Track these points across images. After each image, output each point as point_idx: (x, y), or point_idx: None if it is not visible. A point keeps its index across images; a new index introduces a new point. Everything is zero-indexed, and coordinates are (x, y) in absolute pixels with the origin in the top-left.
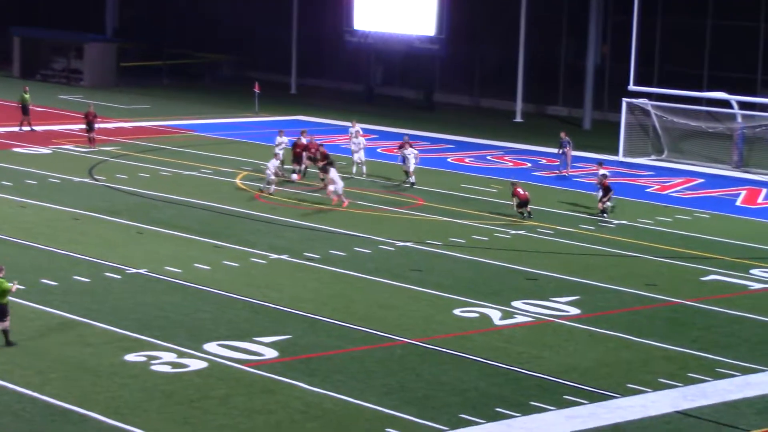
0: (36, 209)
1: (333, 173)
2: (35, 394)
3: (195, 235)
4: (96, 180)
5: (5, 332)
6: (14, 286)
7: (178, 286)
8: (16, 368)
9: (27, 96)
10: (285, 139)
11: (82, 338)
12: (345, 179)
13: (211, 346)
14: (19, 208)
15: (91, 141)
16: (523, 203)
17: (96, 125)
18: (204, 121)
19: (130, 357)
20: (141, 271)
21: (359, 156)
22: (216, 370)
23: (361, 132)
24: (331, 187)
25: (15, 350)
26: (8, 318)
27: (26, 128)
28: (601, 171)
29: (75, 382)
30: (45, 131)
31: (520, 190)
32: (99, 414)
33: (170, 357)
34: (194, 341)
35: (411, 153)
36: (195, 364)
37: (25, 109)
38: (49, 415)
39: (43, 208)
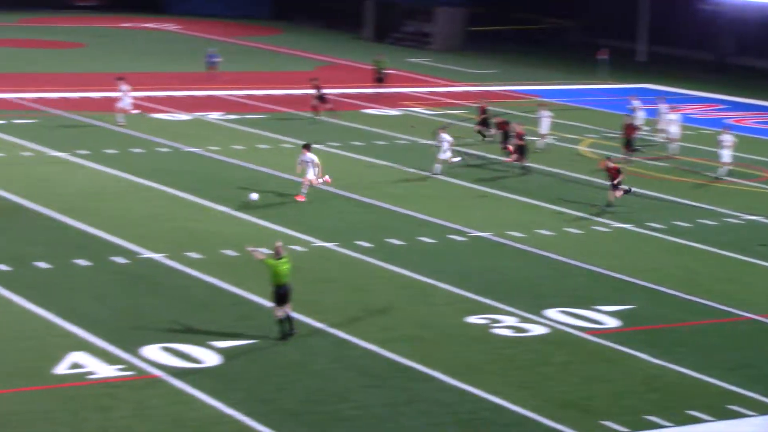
0: (384, 170)
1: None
2: (380, 350)
3: (536, 200)
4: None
5: (288, 320)
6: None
7: (520, 251)
8: (362, 324)
9: (382, 62)
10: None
11: (426, 298)
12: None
13: (552, 312)
14: (367, 168)
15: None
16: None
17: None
18: (549, 87)
19: (472, 319)
20: (484, 234)
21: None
22: (556, 336)
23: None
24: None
25: (360, 307)
26: (289, 303)
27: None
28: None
29: (418, 340)
30: (394, 93)
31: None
32: (441, 373)
33: (511, 321)
34: (535, 306)
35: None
36: (536, 329)
37: (380, 78)
38: (392, 372)
39: (390, 169)
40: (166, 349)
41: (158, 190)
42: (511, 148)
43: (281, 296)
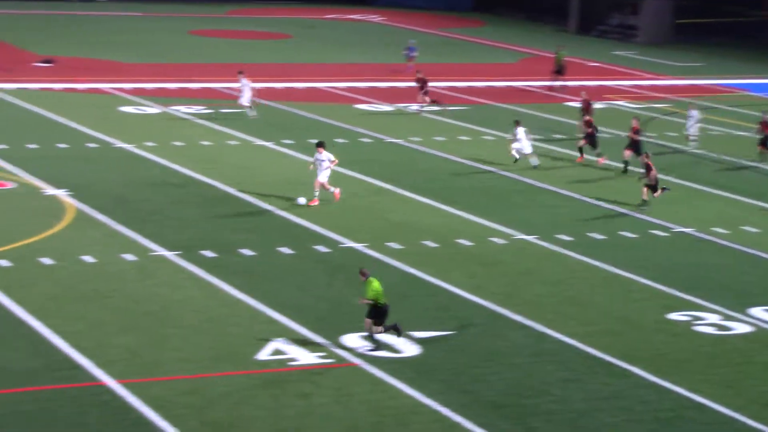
0: (586, 162)
1: None
2: (579, 345)
3: (740, 195)
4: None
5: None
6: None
7: (725, 248)
8: (561, 318)
9: (562, 54)
10: None
11: (626, 293)
12: None
13: (757, 311)
14: (569, 161)
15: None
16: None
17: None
18: (757, 81)
19: (674, 315)
20: (687, 230)
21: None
22: (761, 335)
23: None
24: None
25: (559, 300)
26: (383, 324)
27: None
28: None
29: (618, 335)
30: (597, 86)
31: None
32: (641, 369)
33: (714, 319)
34: (739, 304)
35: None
36: (740, 328)
37: (559, 69)
38: (590, 366)
39: (591, 162)
40: (366, 338)
41: (360, 180)
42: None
43: (383, 313)
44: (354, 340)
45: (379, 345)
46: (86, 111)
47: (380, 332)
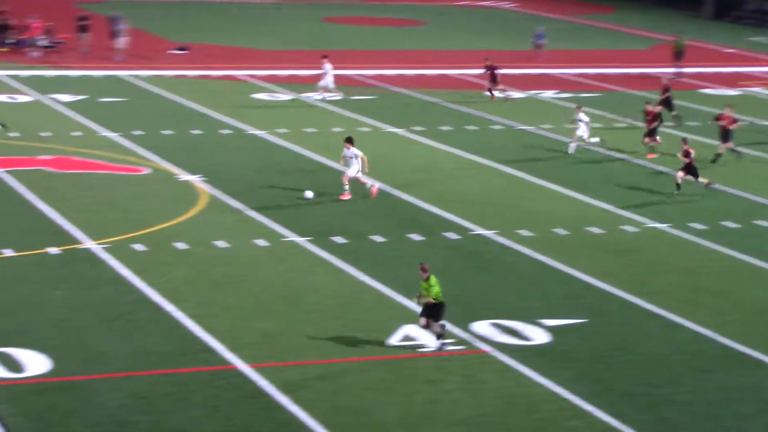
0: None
1: None
2: (713, 335)
3: None
4: None
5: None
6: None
7: None
8: (694, 308)
9: (682, 40)
10: None
11: (761, 282)
12: None
13: None
14: (705, 149)
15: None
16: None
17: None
18: None
19: None
20: None
21: None
22: None
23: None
24: None
25: (692, 289)
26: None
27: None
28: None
29: (753, 326)
30: (732, 73)
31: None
32: None
33: None
34: None
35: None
36: None
37: (678, 54)
38: (726, 357)
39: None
40: (496, 326)
41: (491, 167)
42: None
43: (438, 310)
44: (484, 327)
45: (443, 335)
46: (220, 98)
47: (422, 326)
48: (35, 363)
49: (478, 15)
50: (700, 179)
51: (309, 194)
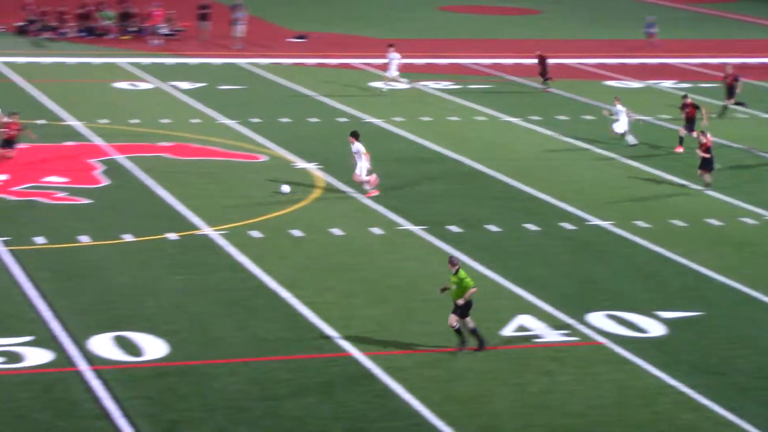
0: None
1: None
2: None
3: None
4: None
5: (474, 332)
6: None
7: None
8: None
9: None
10: None
11: None
12: None
13: None
14: None
15: None
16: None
17: None
18: None
19: None
20: None
21: None
22: None
23: None
24: None
25: None
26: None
27: None
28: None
29: None
30: None
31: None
32: None
33: None
34: None
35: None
36: None
37: None
38: None
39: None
40: (611, 317)
41: (607, 157)
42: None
43: (468, 308)
44: (599, 318)
45: (465, 340)
46: (337, 86)
47: (455, 326)
48: (154, 347)
49: (594, 3)
50: (708, 178)
51: (286, 188)
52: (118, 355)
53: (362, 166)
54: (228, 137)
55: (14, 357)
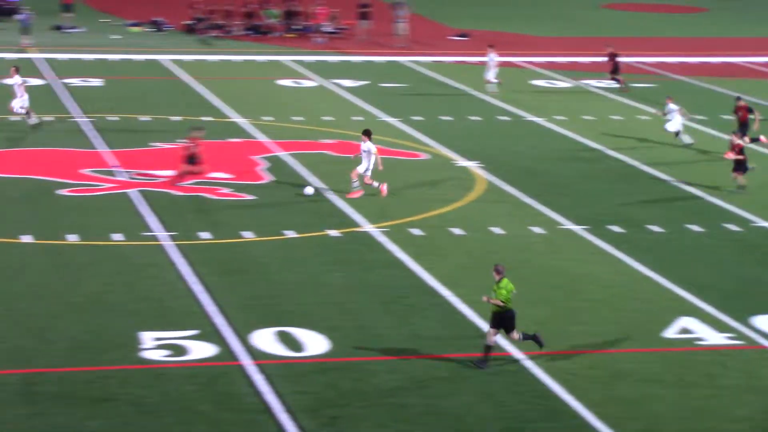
0: None
1: None
2: None
3: None
4: None
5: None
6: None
7: None
8: None
9: None
10: None
11: None
12: None
13: None
14: None
15: None
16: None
17: None
18: None
19: None
20: None
21: None
22: None
23: None
24: None
25: None
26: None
27: None
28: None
29: None
30: None
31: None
32: None
33: None
34: None
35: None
36: None
37: None
38: None
39: None
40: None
41: None
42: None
43: (509, 319)
44: (766, 322)
45: (487, 360)
46: (498, 84)
47: (519, 339)
48: (315, 343)
49: (764, 1)
50: (742, 180)
51: (309, 190)
52: (279, 350)
53: (367, 166)
54: (390, 135)
55: (180, 350)
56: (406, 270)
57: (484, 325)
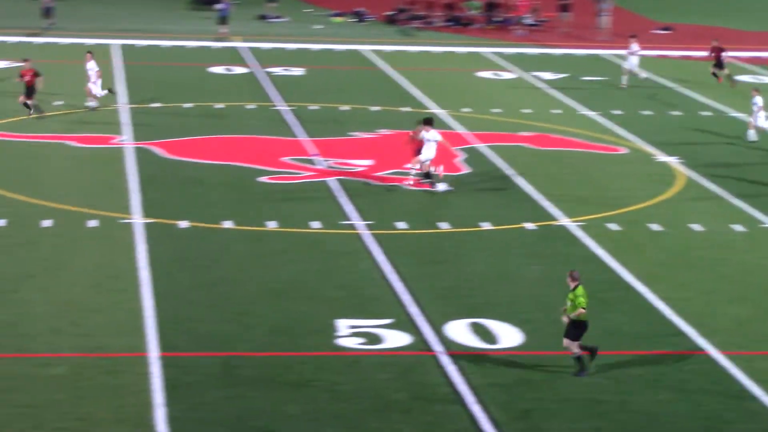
0: None
1: None
2: None
3: None
4: None
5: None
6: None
7: None
8: None
9: None
10: None
11: None
12: None
13: None
14: None
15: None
16: None
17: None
18: None
19: None
20: None
21: None
22: None
23: None
24: None
25: None
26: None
27: None
28: None
29: None
30: None
31: None
32: None
33: None
34: None
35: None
36: None
37: None
38: None
39: None
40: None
41: None
42: None
43: (584, 329)
44: None
45: (584, 367)
46: (701, 78)
47: (577, 353)
48: (508, 335)
49: None
50: None
51: (441, 186)
52: (473, 341)
53: (427, 155)
54: (589, 129)
55: (375, 338)
56: (601, 264)
57: (681, 323)
